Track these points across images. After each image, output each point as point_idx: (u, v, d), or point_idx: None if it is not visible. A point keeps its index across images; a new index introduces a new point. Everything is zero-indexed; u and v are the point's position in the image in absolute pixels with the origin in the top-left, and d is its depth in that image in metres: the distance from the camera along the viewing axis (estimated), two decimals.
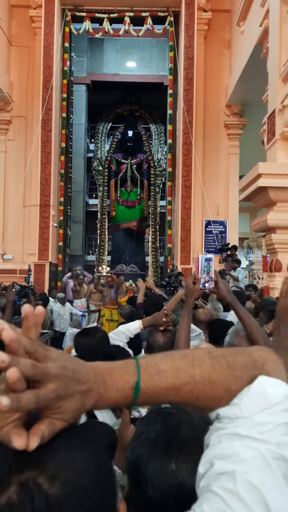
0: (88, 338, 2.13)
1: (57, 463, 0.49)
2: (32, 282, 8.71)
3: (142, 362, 0.60)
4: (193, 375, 0.60)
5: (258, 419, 0.56)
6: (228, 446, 0.55)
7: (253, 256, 17.22)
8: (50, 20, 10.09)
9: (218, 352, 0.64)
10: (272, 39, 6.33)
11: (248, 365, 0.62)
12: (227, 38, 10.73)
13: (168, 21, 10.78)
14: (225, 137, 10.77)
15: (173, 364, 0.61)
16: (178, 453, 0.68)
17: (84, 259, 16.76)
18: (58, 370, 0.52)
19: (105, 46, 15.66)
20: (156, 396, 0.60)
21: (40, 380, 0.50)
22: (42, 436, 0.49)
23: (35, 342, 0.51)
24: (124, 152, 16.88)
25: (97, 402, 0.56)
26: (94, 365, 0.58)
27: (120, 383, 0.58)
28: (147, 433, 0.72)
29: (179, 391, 0.60)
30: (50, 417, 0.52)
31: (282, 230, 5.83)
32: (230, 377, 0.61)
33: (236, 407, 0.59)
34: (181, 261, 9.85)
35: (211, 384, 0.60)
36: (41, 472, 0.48)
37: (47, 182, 9.97)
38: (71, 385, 0.53)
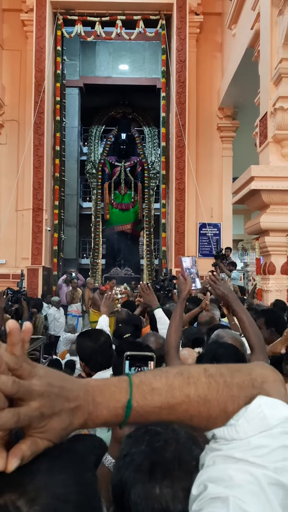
0: (92, 342, 2.11)
1: (36, 486, 0.46)
2: (25, 287, 8.64)
3: (135, 379, 0.58)
4: (188, 394, 0.57)
5: (255, 441, 0.54)
6: (222, 468, 0.53)
7: (247, 258, 17.26)
8: (42, 24, 10.07)
9: (215, 370, 0.61)
10: (263, 42, 6.34)
11: (246, 384, 0.59)
12: (219, 41, 10.77)
13: (160, 24, 10.80)
14: (218, 139, 10.79)
15: (167, 382, 0.58)
16: (162, 477, 0.65)
17: (78, 262, 16.70)
18: (43, 387, 0.49)
19: (97, 49, 15.65)
20: (149, 415, 0.57)
21: (23, 398, 0.48)
22: (22, 457, 0.47)
23: (19, 359, 0.49)
24: (118, 155, 16.86)
25: (86, 420, 0.54)
26: (85, 382, 0.56)
27: (111, 402, 0.55)
28: (131, 455, 0.69)
29: (173, 410, 0.57)
30: (33, 436, 0.49)
31: (275, 233, 5.82)
32: (227, 396, 0.58)
33: (232, 428, 0.56)
34: (175, 264, 9.82)
35: (206, 403, 0.58)
36: (21, 495, 0.45)
37: (40, 186, 9.93)
38: (58, 402, 0.50)
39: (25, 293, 7.46)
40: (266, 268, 5.95)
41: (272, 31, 5.95)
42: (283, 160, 5.91)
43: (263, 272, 6.13)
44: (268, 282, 5.88)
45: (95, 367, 2.05)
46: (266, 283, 5.92)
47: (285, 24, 5.57)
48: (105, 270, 16.21)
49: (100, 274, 15.97)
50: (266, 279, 5.98)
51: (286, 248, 5.79)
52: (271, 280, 5.85)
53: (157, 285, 7.83)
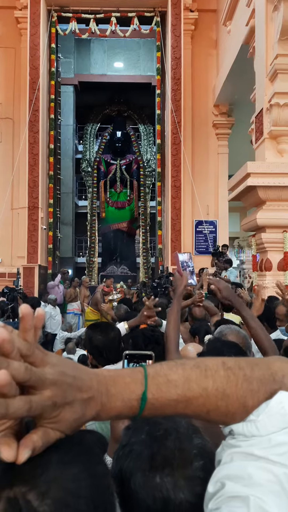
0: (102, 336, 2.09)
1: (48, 480, 0.45)
2: (21, 286, 8.61)
3: (151, 371, 0.56)
4: (206, 387, 0.55)
5: (276, 439, 0.52)
6: (241, 466, 0.51)
7: (243, 255, 17.27)
8: (36, 21, 10.01)
9: (234, 363, 0.58)
10: (259, 38, 6.33)
11: (266, 378, 0.57)
12: (214, 38, 10.75)
13: (154, 21, 10.76)
14: (214, 136, 10.78)
15: (184, 374, 0.56)
16: (162, 466, 0.64)
17: (75, 261, 16.67)
18: (56, 376, 0.48)
19: (92, 47, 15.61)
20: (164, 408, 0.55)
21: (36, 386, 0.46)
22: (33, 448, 0.45)
23: (32, 345, 0.47)
24: (113, 153, 16.82)
25: (99, 412, 0.52)
26: (99, 372, 0.54)
27: (125, 393, 0.53)
28: (131, 445, 0.68)
29: (190, 404, 0.55)
30: (45, 426, 0.48)
31: (272, 229, 5.82)
32: (246, 391, 0.56)
33: (252, 424, 0.54)
34: (172, 261, 9.81)
35: (225, 397, 0.56)
36: (32, 488, 0.44)
37: (35, 184, 9.88)
38: (70, 392, 0.49)
39: (21, 291, 7.42)
40: (263, 264, 5.95)
41: (267, 27, 5.94)
42: (279, 157, 5.91)
43: (259, 268, 6.13)
44: (264, 279, 5.88)
45: (103, 361, 2.04)
46: (263, 280, 5.92)
47: (280, 20, 5.56)
48: (101, 269, 16.18)
49: (96, 273, 15.95)
50: (262, 276, 5.97)
51: (282, 245, 5.79)
52: (267, 277, 5.85)
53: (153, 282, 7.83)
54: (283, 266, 5.78)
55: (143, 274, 15.67)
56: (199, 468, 0.65)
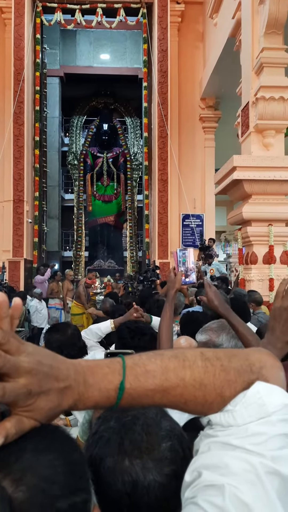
0: (59, 334, 2.09)
1: (22, 466, 0.45)
2: (7, 280, 8.53)
3: (129, 361, 0.56)
4: (183, 377, 0.56)
5: (253, 429, 0.52)
6: (218, 455, 0.52)
7: (230, 249, 17.37)
8: (20, 11, 9.84)
9: (212, 354, 0.59)
10: (245, 31, 6.32)
11: (243, 368, 0.57)
12: (201, 31, 10.71)
13: (141, 12, 10.66)
14: (201, 130, 10.78)
15: (162, 364, 0.56)
16: (131, 449, 0.65)
17: (61, 255, 16.58)
18: (31, 365, 0.48)
19: (78, 38, 15.41)
20: (142, 398, 0.55)
21: (10, 373, 0.46)
22: (6, 434, 0.45)
23: (7, 334, 0.47)
24: (100, 145, 16.70)
25: (76, 401, 0.52)
26: (76, 362, 0.54)
27: (103, 383, 0.53)
28: (100, 433, 0.69)
29: (167, 394, 0.56)
30: (19, 414, 0.48)
31: (257, 223, 5.86)
32: (224, 381, 0.56)
33: (229, 414, 0.55)
34: (159, 255, 9.83)
35: (202, 387, 0.56)
36: (6, 474, 0.44)
37: (20, 177, 9.77)
38: (46, 381, 0.49)
39: (7, 285, 7.36)
40: (249, 258, 6.00)
41: (253, 21, 5.94)
42: (265, 150, 5.94)
43: (245, 262, 6.18)
44: (250, 272, 5.93)
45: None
46: (249, 273, 5.97)
47: (266, 13, 5.56)
48: (88, 263, 16.12)
49: (83, 267, 15.88)
50: (248, 269, 6.02)
51: (267, 238, 5.84)
52: (253, 270, 5.90)
53: (140, 276, 7.83)
54: (268, 259, 5.83)
55: (130, 268, 15.66)
56: (167, 449, 0.66)
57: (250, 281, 5.91)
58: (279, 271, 5.82)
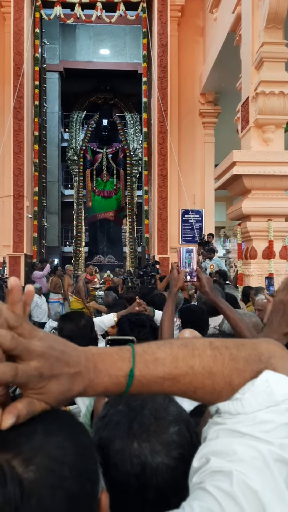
0: (72, 324, 2.10)
1: (32, 447, 0.45)
2: (7, 275, 8.54)
3: (138, 349, 0.56)
4: (192, 365, 0.56)
5: (261, 416, 0.53)
6: (226, 442, 0.52)
7: (229, 244, 17.38)
8: (20, 5, 9.80)
9: (220, 343, 0.59)
10: (245, 26, 6.31)
11: (252, 358, 0.58)
12: (201, 25, 10.66)
13: (141, 7, 10.62)
14: (200, 125, 10.76)
15: (171, 352, 0.57)
16: (140, 432, 0.66)
17: (61, 250, 16.58)
18: (43, 349, 0.48)
19: (77, 33, 15.34)
20: (151, 386, 0.56)
21: (22, 356, 0.47)
22: (18, 415, 0.46)
23: (20, 317, 0.48)
24: (100, 141, 16.68)
25: (86, 387, 0.52)
26: (87, 349, 0.54)
27: (112, 369, 0.54)
28: (109, 416, 0.70)
29: (176, 382, 0.56)
30: (31, 397, 0.48)
31: (257, 218, 5.88)
32: (233, 369, 0.57)
33: (237, 402, 0.55)
34: (158, 251, 9.84)
35: (211, 376, 0.57)
36: (16, 455, 0.44)
37: (20, 172, 9.76)
38: (58, 366, 0.49)
39: (7, 280, 7.37)
40: (248, 253, 6.01)
41: (254, 15, 5.93)
42: (265, 145, 5.94)
43: (244, 257, 6.19)
44: (249, 267, 5.95)
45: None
46: (248, 268, 5.99)
47: (266, 7, 5.55)
48: (88, 258, 16.14)
49: (83, 262, 15.90)
50: (247, 264, 6.04)
51: (267, 233, 5.85)
52: (252, 265, 5.92)
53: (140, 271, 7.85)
54: (268, 254, 5.85)
55: (130, 263, 15.68)
56: (175, 433, 0.67)
57: (249, 276, 5.93)
58: (279, 266, 5.84)
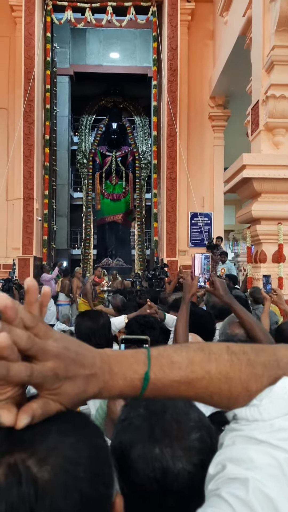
0: (91, 322, 2.09)
1: (47, 447, 0.46)
2: (17, 277, 8.59)
3: (154, 352, 0.56)
4: (209, 370, 0.56)
5: (279, 424, 0.52)
6: (243, 449, 0.52)
7: (238, 248, 17.31)
8: (31, 9, 9.89)
9: (238, 348, 0.59)
10: (256, 29, 6.30)
11: (270, 363, 0.58)
12: (211, 29, 10.67)
13: (151, 11, 10.67)
14: (210, 128, 10.76)
15: (187, 356, 0.56)
16: (161, 437, 0.66)
17: (70, 253, 16.65)
18: (59, 349, 0.48)
19: (88, 37, 15.45)
20: (166, 389, 0.55)
21: (37, 356, 0.47)
22: (33, 415, 0.46)
23: (36, 318, 0.48)
24: (109, 144, 16.75)
25: (101, 389, 0.52)
26: (102, 352, 0.55)
27: (128, 372, 0.53)
28: (130, 419, 0.70)
29: (192, 386, 0.56)
30: (46, 397, 0.48)
31: (267, 221, 5.84)
32: (250, 375, 0.56)
33: (255, 409, 0.55)
34: (167, 253, 9.84)
35: (228, 381, 0.56)
36: (31, 454, 0.44)
37: (30, 175, 9.83)
38: (73, 367, 0.49)
39: (17, 282, 7.42)
40: (257, 256, 5.98)
41: (264, 18, 5.91)
42: (275, 149, 5.91)
43: (254, 260, 6.16)
44: (259, 271, 5.91)
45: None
46: (257, 272, 5.95)
47: (277, 10, 5.53)
48: (97, 261, 16.17)
49: (91, 265, 15.94)
50: (257, 268, 6.00)
51: (277, 237, 5.81)
52: (262, 268, 5.88)
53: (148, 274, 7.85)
54: (278, 258, 5.81)
55: (138, 266, 15.69)
56: (196, 439, 0.66)
57: (258, 279, 5.89)
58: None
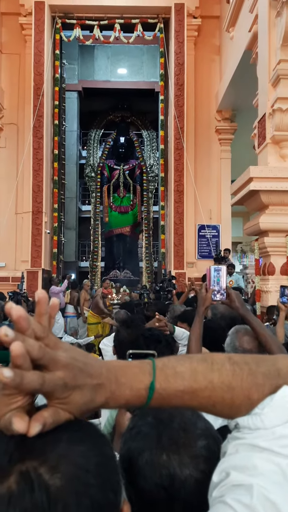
0: (127, 333, 2.16)
1: (58, 455, 0.47)
2: (25, 289, 8.64)
3: (159, 362, 0.58)
4: (212, 379, 0.57)
5: (280, 431, 0.54)
6: (246, 457, 0.53)
7: (246, 260, 17.26)
8: (40, 28, 10.12)
9: (240, 358, 0.61)
10: (261, 44, 6.38)
11: (271, 373, 0.59)
12: (217, 44, 10.82)
13: (158, 27, 10.85)
14: (217, 142, 10.83)
15: (191, 366, 0.58)
16: (169, 445, 0.67)
17: (78, 265, 16.71)
18: (68, 360, 0.50)
19: (96, 53, 15.73)
20: (171, 399, 0.57)
21: (48, 366, 0.49)
22: (44, 423, 0.47)
23: (46, 329, 0.50)
24: (117, 158, 16.91)
25: (108, 399, 0.54)
26: (108, 362, 0.57)
27: (134, 382, 0.55)
28: (138, 427, 0.71)
29: (196, 395, 0.57)
30: (56, 406, 0.50)
31: (275, 233, 5.84)
32: (251, 384, 0.58)
33: (257, 417, 0.56)
34: (175, 265, 9.84)
35: (230, 390, 0.58)
36: (43, 462, 0.46)
37: (39, 189, 9.94)
38: (81, 377, 0.51)
39: (25, 295, 7.46)
40: (266, 268, 5.96)
41: (270, 33, 5.99)
42: (282, 161, 5.94)
43: (262, 273, 6.14)
44: (267, 283, 5.89)
45: (123, 355, 2.08)
46: (266, 284, 5.93)
47: (282, 25, 5.61)
48: (105, 273, 16.21)
49: (99, 277, 15.97)
50: (265, 280, 5.98)
51: (285, 249, 5.80)
52: (270, 281, 5.85)
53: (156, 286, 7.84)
54: (286, 270, 5.79)
55: (146, 278, 15.68)
56: (203, 447, 0.68)
57: (267, 292, 5.87)
58: None
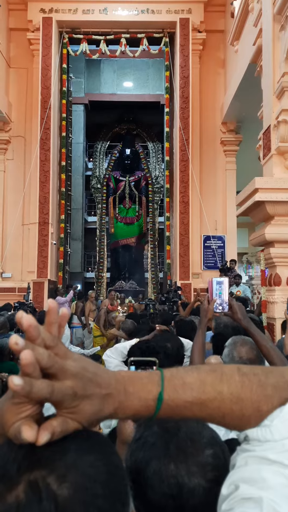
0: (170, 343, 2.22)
1: (66, 465, 0.47)
2: (31, 300, 8.67)
3: (167, 373, 0.57)
4: (221, 391, 0.57)
5: None
6: (256, 470, 0.53)
7: (252, 271, 17.19)
8: (48, 43, 10.31)
9: (249, 369, 0.61)
10: (266, 56, 6.46)
11: (280, 385, 0.59)
12: (222, 57, 10.95)
13: (163, 41, 11.01)
14: (222, 153, 10.89)
15: (199, 377, 0.58)
16: (177, 453, 0.67)
17: (84, 276, 16.74)
18: (77, 369, 0.50)
19: (102, 67, 15.95)
20: (180, 410, 0.57)
21: (57, 375, 0.49)
22: (53, 432, 0.48)
23: (55, 338, 0.50)
24: (122, 170, 17.04)
25: (116, 409, 0.53)
26: (117, 373, 0.56)
27: (142, 393, 0.55)
28: (145, 437, 0.71)
29: (205, 406, 0.57)
30: (64, 416, 0.50)
31: (281, 244, 5.83)
32: (261, 396, 0.58)
33: (266, 429, 0.56)
34: (180, 276, 9.83)
35: (239, 402, 0.57)
36: (51, 472, 0.46)
37: (46, 200, 10.03)
38: (90, 386, 0.51)
39: (31, 305, 7.48)
40: (272, 279, 5.95)
41: (274, 46, 6.07)
42: (287, 172, 5.96)
43: (268, 283, 6.12)
44: (273, 294, 5.87)
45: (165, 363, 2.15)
46: (272, 295, 5.91)
47: (286, 39, 5.68)
48: (110, 284, 16.21)
49: (105, 288, 15.98)
50: (271, 291, 5.96)
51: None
52: (276, 292, 5.83)
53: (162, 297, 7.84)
54: None
55: (151, 289, 15.67)
56: (210, 456, 0.68)
57: (273, 303, 5.84)
58: None
